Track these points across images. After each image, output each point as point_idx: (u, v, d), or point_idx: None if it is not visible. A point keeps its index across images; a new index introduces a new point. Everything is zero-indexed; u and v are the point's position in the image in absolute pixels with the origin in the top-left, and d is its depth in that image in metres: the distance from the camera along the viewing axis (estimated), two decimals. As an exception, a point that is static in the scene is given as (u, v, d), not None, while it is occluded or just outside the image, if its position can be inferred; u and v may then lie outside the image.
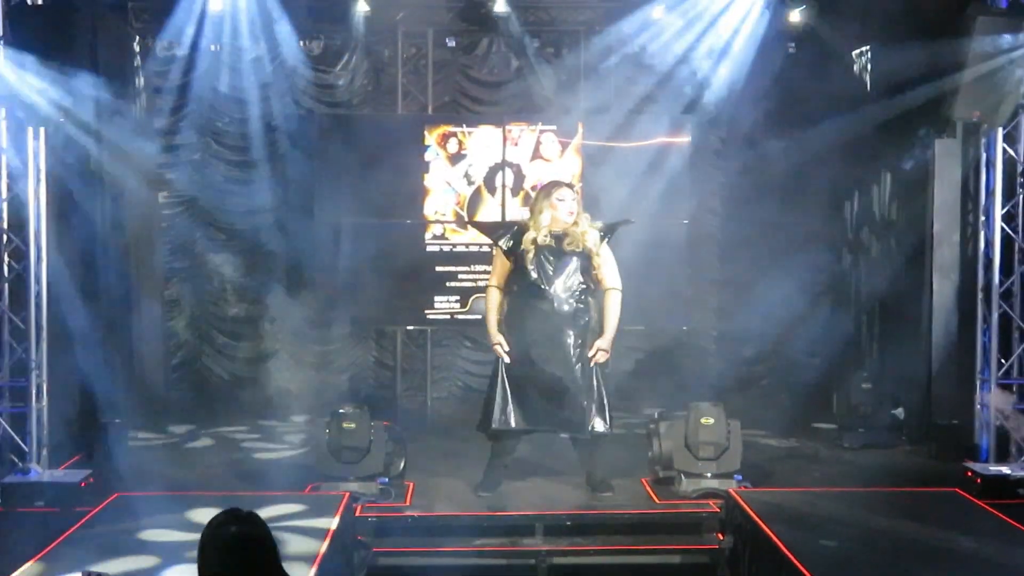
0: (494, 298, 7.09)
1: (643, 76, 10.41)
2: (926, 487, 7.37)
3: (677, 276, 10.15)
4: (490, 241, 7.50)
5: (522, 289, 6.97)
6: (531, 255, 6.92)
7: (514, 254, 6.99)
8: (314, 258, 10.11)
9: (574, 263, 6.94)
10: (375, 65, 10.40)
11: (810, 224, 10.62)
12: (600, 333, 6.99)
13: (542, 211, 6.96)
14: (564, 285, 6.91)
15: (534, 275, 6.91)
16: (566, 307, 6.91)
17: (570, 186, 7.25)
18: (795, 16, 9.73)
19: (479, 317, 8.43)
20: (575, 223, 6.96)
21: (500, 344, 6.99)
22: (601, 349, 6.95)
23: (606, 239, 7.05)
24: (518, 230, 7.07)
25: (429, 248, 10.06)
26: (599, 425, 6.93)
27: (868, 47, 9.50)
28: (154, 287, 10.01)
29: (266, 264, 10.55)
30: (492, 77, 10.58)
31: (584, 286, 6.97)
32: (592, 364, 6.95)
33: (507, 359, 6.98)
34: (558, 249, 6.94)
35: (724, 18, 9.84)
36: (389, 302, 10.00)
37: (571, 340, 6.91)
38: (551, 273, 6.91)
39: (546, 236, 6.92)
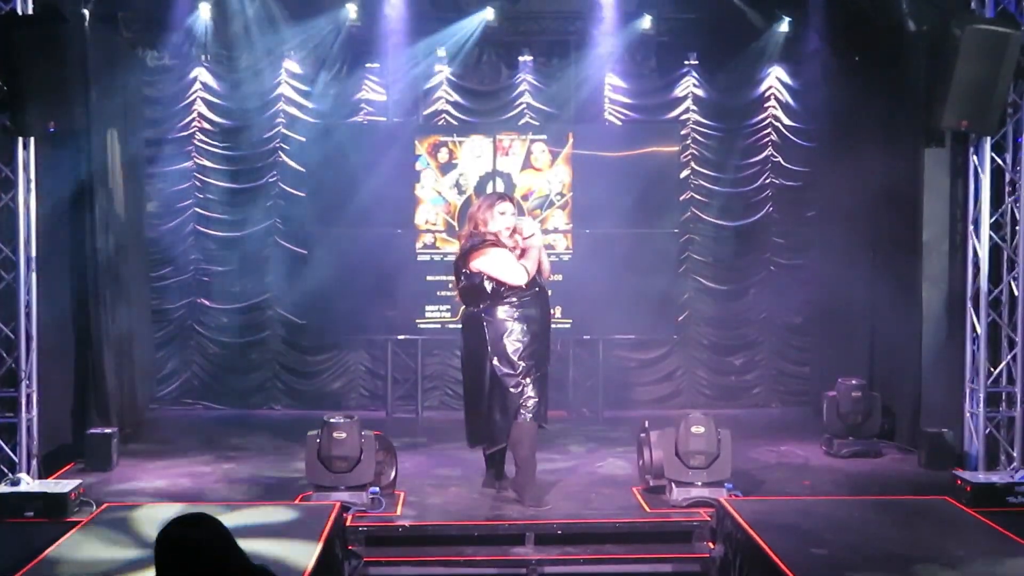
0: None
1: (633, 85, 10.47)
2: (916, 495, 7.38)
3: (668, 285, 10.17)
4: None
5: (523, 290, 7.03)
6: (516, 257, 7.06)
7: None
8: (304, 267, 10.12)
9: None
10: (365, 75, 10.40)
11: (801, 234, 10.66)
12: None
13: (489, 220, 7.06)
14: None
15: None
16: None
17: (511, 200, 7.41)
18: (784, 26, 9.78)
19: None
20: (512, 233, 7.12)
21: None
22: None
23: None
24: (496, 240, 7.10)
25: (420, 257, 10.07)
26: None
27: (858, 57, 9.53)
28: (144, 298, 9.98)
29: (256, 274, 10.54)
30: (482, 87, 10.61)
31: None
32: None
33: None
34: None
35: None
36: (380, 311, 10.01)
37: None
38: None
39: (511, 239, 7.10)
